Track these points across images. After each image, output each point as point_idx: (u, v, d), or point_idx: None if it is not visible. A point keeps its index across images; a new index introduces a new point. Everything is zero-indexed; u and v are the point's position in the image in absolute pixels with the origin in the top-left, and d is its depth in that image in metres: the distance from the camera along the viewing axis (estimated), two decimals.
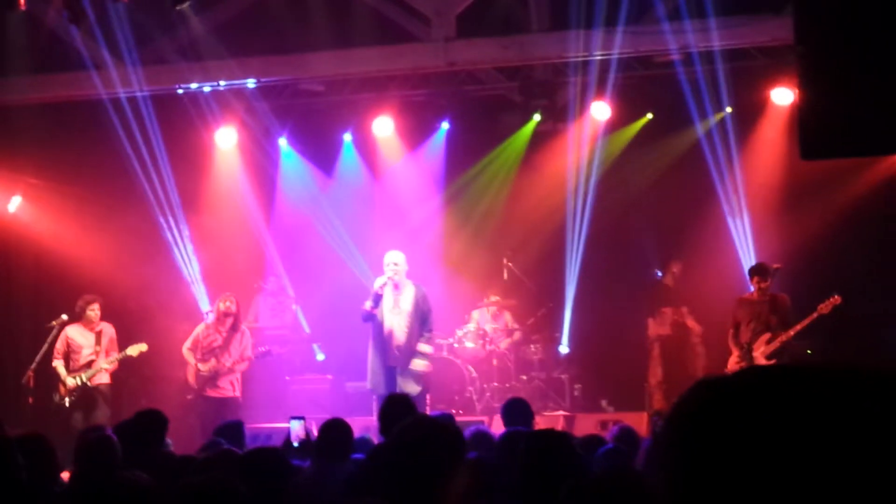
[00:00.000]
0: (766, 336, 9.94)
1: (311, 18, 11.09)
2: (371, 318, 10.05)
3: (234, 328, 10.89)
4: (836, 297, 9.68)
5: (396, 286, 10.09)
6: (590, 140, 12.56)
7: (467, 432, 5.13)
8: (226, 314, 10.88)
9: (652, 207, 12.63)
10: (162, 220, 12.77)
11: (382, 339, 10.03)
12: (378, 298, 9.99)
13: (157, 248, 12.86)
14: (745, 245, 11.85)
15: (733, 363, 10.05)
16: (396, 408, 5.99)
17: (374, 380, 10.06)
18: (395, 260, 10.13)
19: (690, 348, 11.82)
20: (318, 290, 13.11)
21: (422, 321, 10.13)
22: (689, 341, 11.87)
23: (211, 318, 11.05)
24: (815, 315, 9.74)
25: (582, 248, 12.57)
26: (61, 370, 10.76)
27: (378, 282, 10.06)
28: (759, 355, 9.90)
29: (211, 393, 10.76)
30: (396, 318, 10.04)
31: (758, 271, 10.16)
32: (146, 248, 12.77)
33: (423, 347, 10.17)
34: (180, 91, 11.86)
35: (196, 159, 13.07)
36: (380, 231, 12.91)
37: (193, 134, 12.74)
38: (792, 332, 9.82)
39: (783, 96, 11.50)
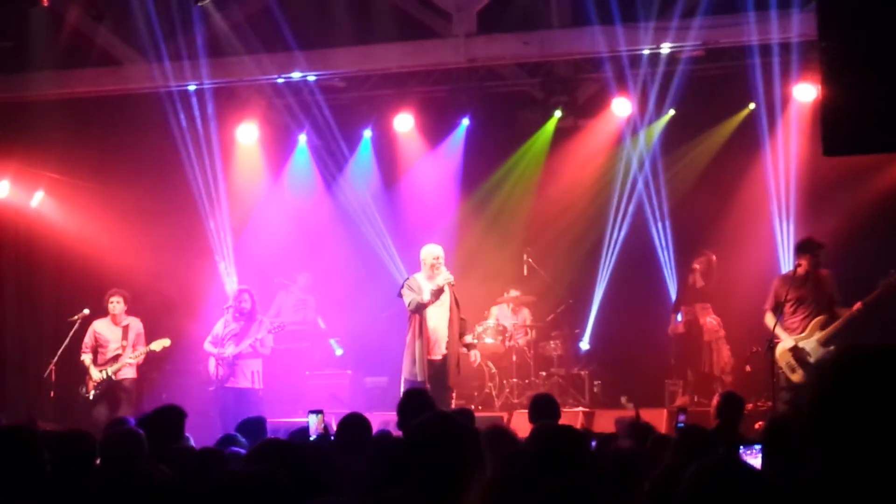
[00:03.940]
0: (821, 319, 9.41)
1: (332, 15, 11.10)
2: (423, 309, 9.75)
3: (251, 318, 11.00)
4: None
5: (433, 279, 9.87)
6: (613, 137, 12.53)
7: (483, 428, 5.14)
8: (241, 310, 10.99)
9: (680, 204, 12.56)
10: (199, 215, 12.81)
11: (427, 333, 9.76)
12: (440, 294, 9.76)
13: (190, 243, 12.91)
14: (776, 241, 11.77)
15: (788, 354, 9.43)
16: (416, 401, 6.00)
17: (419, 370, 9.68)
18: (439, 254, 9.94)
19: (706, 346, 11.67)
20: (337, 286, 13.14)
21: (459, 311, 9.99)
22: (702, 339, 11.70)
23: (229, 312, 11.14)
24: (879, 291, 9.18)
25: (618, 246, 12.55)
26: (87, 363, 10.84)
27: (444, 279, 9.72)
28: (816, 343, 9.37)
29: (231, 384, 10.86)
30: (439, 311, 9.80)
31: (808, 248, 9.52)
32: (174, 244, 12.84)
33: (469, 339, 10.24)
34: (197, 87, 11.90)
35: (219, 155, 13.09)
36: (400, 227, 12.94)
37: (216, 130, 12.78)
38: (855, 311, 9.23)
39: (806, 92, 11.42)
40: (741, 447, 3.90)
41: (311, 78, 11.87)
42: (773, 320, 9.41)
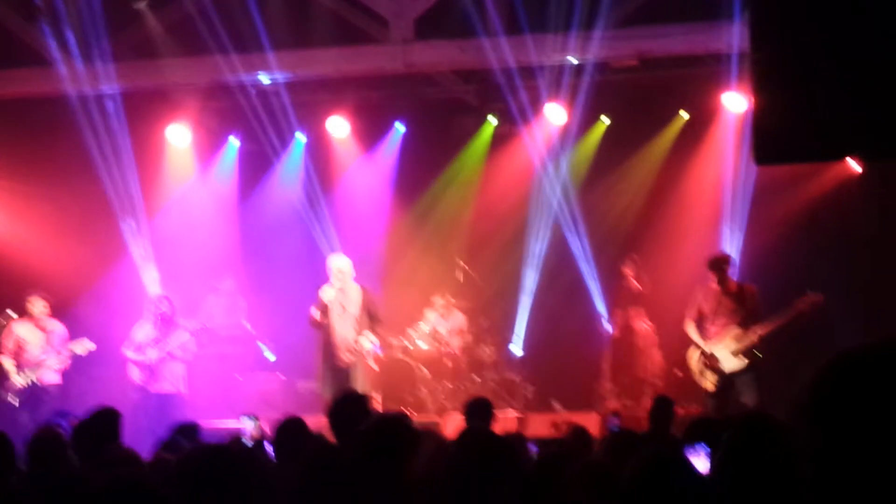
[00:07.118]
0: (736, 332, 9.62)
1: (269, 18, 11.04)
2: (319, 326, 10.17)
3: (171, 323, 10.97)
4: (816, 294, 9.28)
5: (342, 290, 10.19)
6: (547, 144, 12.63)
7: None
8: (160, 316, 11.00)
9: (610, 210, 12.73)
10: (118, 218, 12.63)
11: (331, 343, 10.14)
12: (326, 309, 10.06)
13: (112, 246, 12.72)
14: (709, 247, 11.94)
15: (699, 360, 9.75)
16: (350, 408, 5.94)
17: (323, 382, 10.13)
18: (339, 266, 10.22)
19: (639, 351, 11.85)
20: (268, 291, 13.06)
21: (371, 320, 10.22)
22: (636, 344, 11.88)
23: (149, 318, 11.07)
24: (793, 313, 9.33)
25: (543, 250, 12.66)
26: (9, 367, 10.62)
27: (328, 295, 10.11)
28: (729, 353, 9.61)
29: (154, 389, 10.82)
30: (345, 322, 10.14)
31: (713, 265, 9.86)
32: (100, 247, 12.64)
33: (363, 341, 10.23)
34: (126, 89, 11.75)
35: (149, 158, 12.93)
36: (333, 232, 12.89)
37: (147, 132, 12.62)
38: (768, 329, 9.43)
39: (735, 102, 11.63)
40: (687, 448, 3.95)
41: (270, 80, 11.65)
42: (694, 329, 9.87)
